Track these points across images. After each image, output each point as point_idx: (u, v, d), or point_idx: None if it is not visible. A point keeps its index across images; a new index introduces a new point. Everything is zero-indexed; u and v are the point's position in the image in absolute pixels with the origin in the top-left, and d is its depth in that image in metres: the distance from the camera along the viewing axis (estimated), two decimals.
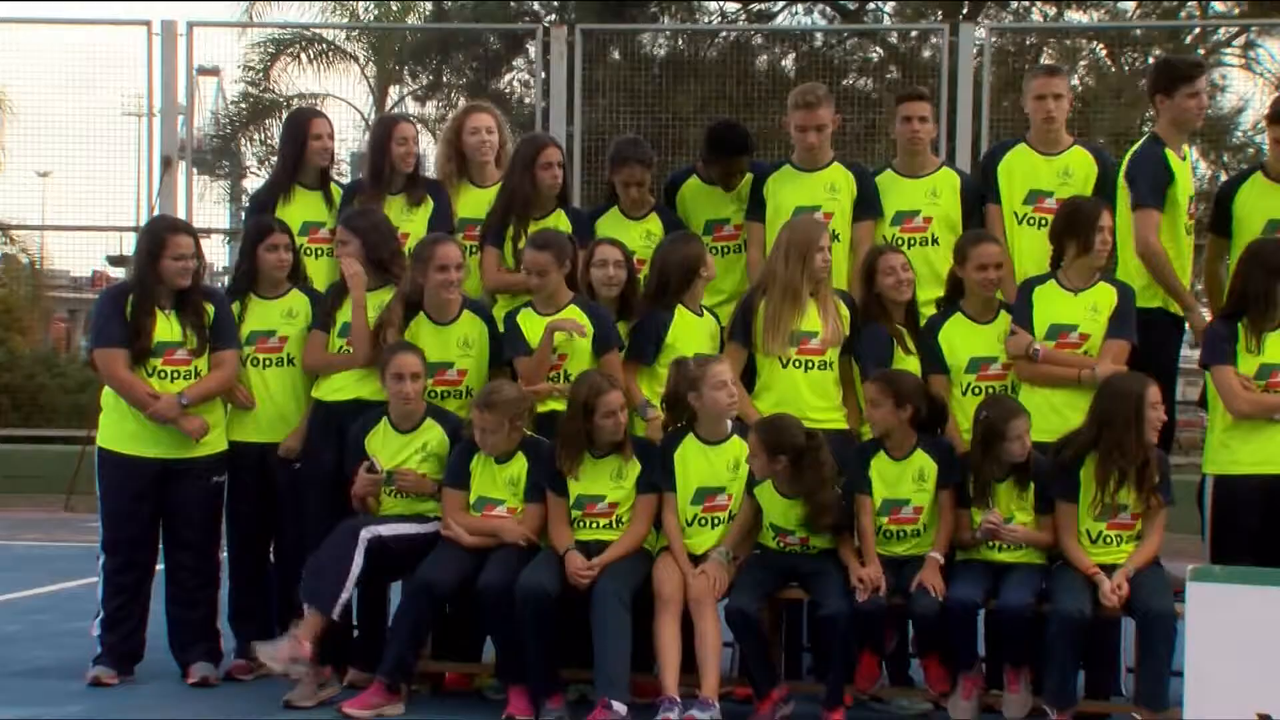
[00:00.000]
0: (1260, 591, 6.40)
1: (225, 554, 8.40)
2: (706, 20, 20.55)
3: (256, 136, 21.50)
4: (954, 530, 7.55)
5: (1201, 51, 18.20)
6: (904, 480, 7.54)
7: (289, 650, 7.50)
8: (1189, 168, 8.22)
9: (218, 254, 17.09)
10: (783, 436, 7.34)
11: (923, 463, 7.55)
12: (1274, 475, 7.45)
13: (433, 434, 7.91)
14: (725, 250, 8.53)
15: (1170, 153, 8.05)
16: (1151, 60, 17.54)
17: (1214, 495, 7.58)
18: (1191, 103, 8.07)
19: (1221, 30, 19.59)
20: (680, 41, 17.56)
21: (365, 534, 7.57)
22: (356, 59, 23.19)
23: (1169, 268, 7.93)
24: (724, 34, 18.40)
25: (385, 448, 7.90)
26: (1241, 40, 19.58)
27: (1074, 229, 7.81)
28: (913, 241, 8.30)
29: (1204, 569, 6.60)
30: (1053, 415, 7.64)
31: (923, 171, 8.42)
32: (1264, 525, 7.44)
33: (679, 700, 7.29)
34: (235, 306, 8.29)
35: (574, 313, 7.97)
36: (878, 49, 19.45)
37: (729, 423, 7.70)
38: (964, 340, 7.89)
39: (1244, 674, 6.27)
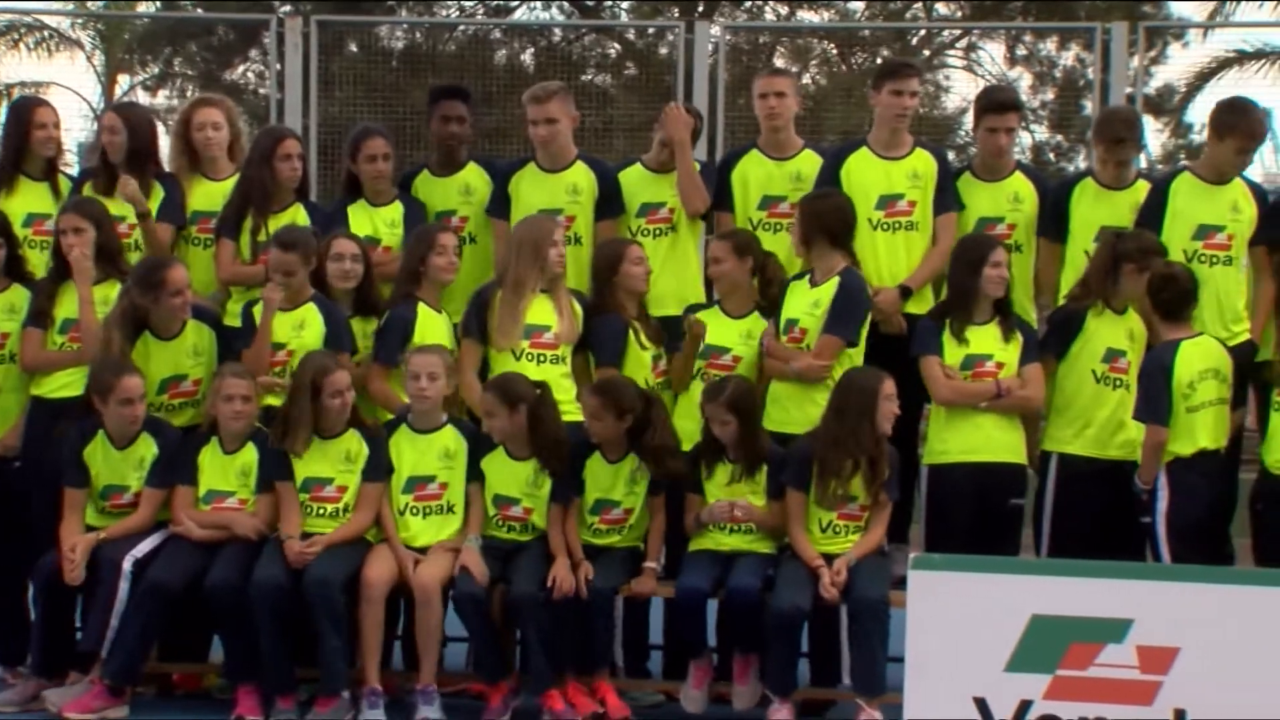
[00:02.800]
0: (977, 578, 6.53)
1: None
2: (445, 14, 20.48)
3: None
4: (685, 518, 7.68)
5: (926, 53, 18.75)
6: (618, 483, 7.68)
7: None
8: (897, 169, 8.23)
9: None
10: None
11: (635, 465, 7.67)
12: (981, 463, 7.72)
13: (148, 449, 7.76)
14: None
15: (863, 152, 8.22)
16: (880, 61, 18.04)
17: (928, 484, 7.82)
18: (891, 99, 8.20)
19: (945, 33, 20.18)
20: (418, 35, 17.45)
21: (127, 564, 7.46)
22: (83, 46, 22.51)
23: None
24: (462, 28, 18.36)
25: (105, 462, 7.75)
26: (964, 43, 20.19)
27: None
28: (659, 232, 8.37)
29: (924, 557, 6.73)
30: (792, 407, 7.79)
31: (670, 166, 8.43)
32: (974, 512, 7.69)
33: (380, 690, 7.39)
34: None
35: (309, 312, 7.91)
36: (616, 45, 19.61)
37: (443, 413, 7.73)
38: (711, 331, 7.98)
39: (961, 659, 6.39)
